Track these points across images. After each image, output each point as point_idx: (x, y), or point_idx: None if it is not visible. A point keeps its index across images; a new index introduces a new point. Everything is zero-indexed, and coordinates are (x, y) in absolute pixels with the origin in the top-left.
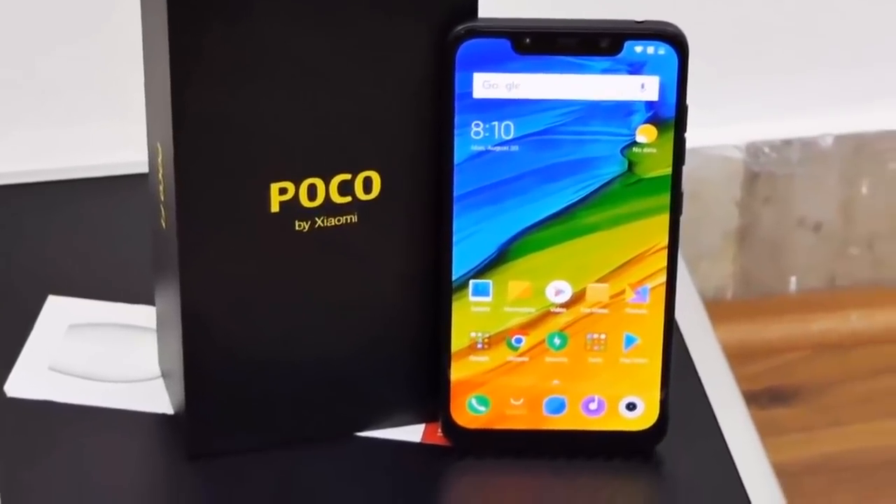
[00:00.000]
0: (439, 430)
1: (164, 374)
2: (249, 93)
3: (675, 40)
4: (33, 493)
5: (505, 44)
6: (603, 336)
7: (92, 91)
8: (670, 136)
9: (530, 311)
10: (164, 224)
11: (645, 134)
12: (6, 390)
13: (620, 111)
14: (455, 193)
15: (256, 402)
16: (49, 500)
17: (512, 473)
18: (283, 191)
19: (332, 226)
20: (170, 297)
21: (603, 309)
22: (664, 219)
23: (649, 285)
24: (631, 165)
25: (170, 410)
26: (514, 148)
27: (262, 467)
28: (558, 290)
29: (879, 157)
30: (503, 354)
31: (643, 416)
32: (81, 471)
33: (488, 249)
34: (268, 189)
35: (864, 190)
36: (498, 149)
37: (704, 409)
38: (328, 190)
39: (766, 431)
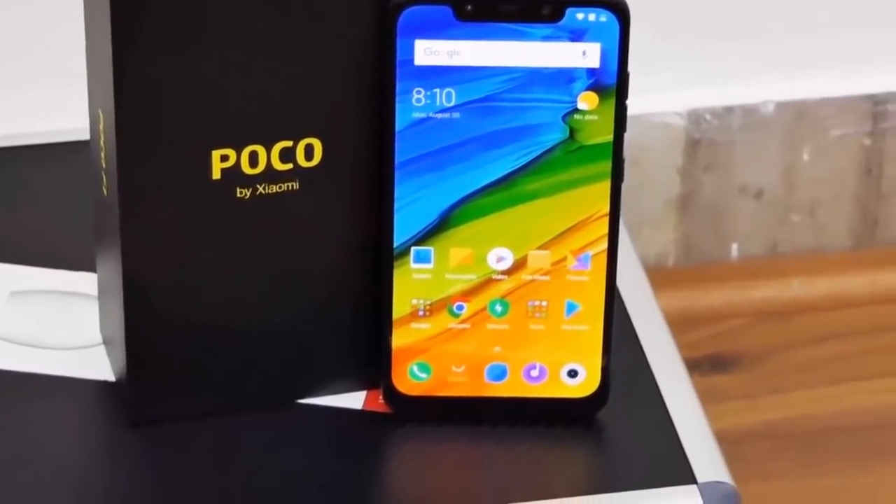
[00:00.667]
0: (380, 397)
1: (106, 341)
2: (190, 60)
3: (617, 7)
4: None
5: (446, 11)
6: (544, 303)
7: (33, 58)
8: (612, 103)
9: (471, 278)
10: (105, 191)
11: (586, 101)
12: None
13: (562, 78)
14: (396, 160)
15: (198, 369)
16: None
17: (453, 440)
18: (224, 158)
19: (273, 193)
20: (111, 264)
21: (544, 276)
22: (605, 186)
23: (591, 252)
24: (572, 132)
25: (111, 377)
26: (456, 115)
27: (204, 434)
28: (500, 258)
29: (821, 124)
30: (444, 321)
31: (584, 383)
32: (23, 437)
33: (430, 217)
34: (209, 156)
35: (805, 157)
36: (439, 116)
37: (646, 376)
38: (270, 157)
39: (708, 398)
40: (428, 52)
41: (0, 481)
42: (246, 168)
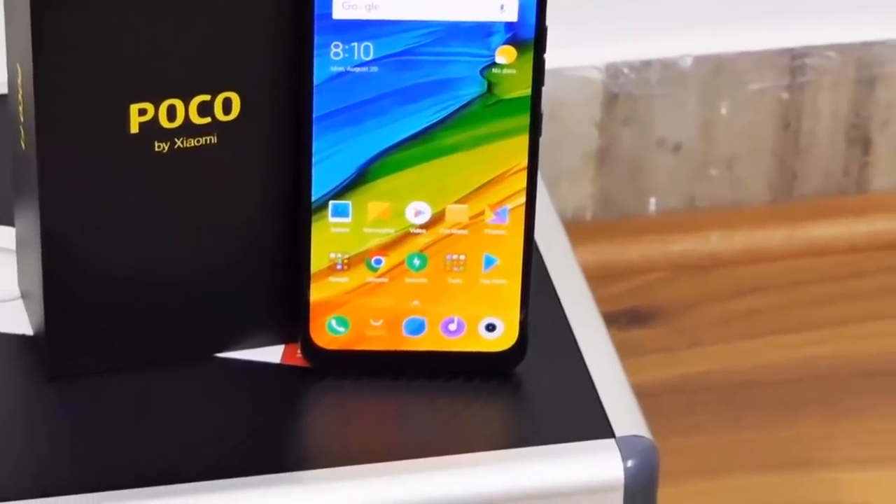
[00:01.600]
0: (298, 352)
1: (24, 296)
2: (108, 14)
3: None
4: None
5: None
6: (462, 257)
7: None
8: (530, 57)
9: (390, 232)
10: (23, 145)
11: (504, 55)
12: None
13: (480, 32)
14: (314, 114)
15: (116, 324)
16: None
17: (371, 394)
18: (142, 112)
19: (191, 147)
20: (29, 218)
21: (462, 230)
22: (524, 140)
23: (509, 206)
24: (490, 86)
25: (29, 332)
26: (374, 69)
27: (122, 388)
28: (418, 211)
29: (739, 78)
30: (362, 275)
31: (502, 337)
32: None
33: (348, 170)
34: (127, 110)
35: (723, 111)
36: (357, 70)
37: (564, 330)
38: (188, 111)
39: (626, 352)
40: (346, 5)
41: None
42: (164, 122)
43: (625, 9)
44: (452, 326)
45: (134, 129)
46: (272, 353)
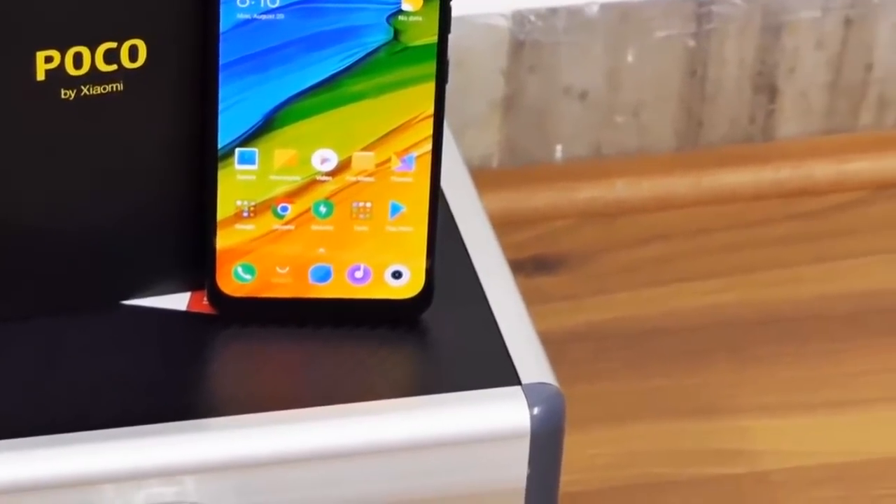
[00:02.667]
0: (205, 299)
1: None
2: None
3: None
4: None
5: None
6: (368, 204)
7: None
8: (436, 4)
9: (296, 179)
10: None
11: (410, 2)
12: None
13: None
14: (221, 62)
15: (20, 271)
16: None
17: (278, 341)
18: (48, 59)
19: (97, 94)
20: None
21: (369, 177)
22: (430, 87)
23: (415, 153)
24: (397, 34)
25: None
26: (280, 16)
27: (27, 335)
28: (324, 159)
29: (645, 26)
30: (269, 223)
31: (409, 285)
32: None
33: (254, 118)
34: (33, 57)
35: (629, 58)
36: (263, 17)
37: (470, 277)
38: (94, 58)
39: (532, 299)
40: None
41: None
42: (70, 69)
43: None
44: (358, 274)
45: (40, 76)
46: (178, 301)
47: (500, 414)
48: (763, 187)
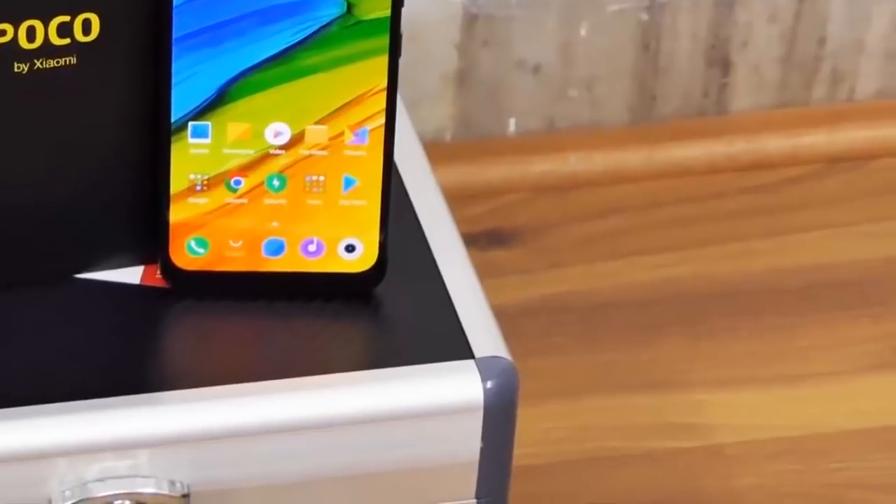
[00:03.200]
0: (158, 272)
1: None
2: None
3: None
4: None
5: None
6: (322, 178)
7: None
8: None
9: (249, 153)
10: None
11: None
12: None
13: None
14: (174, 35)
15: None
16: None
17: (232, 315)
18: (1, 32)
19: (51, 67)
20: None
21: (322, 151)
22: (383, 61)
23: (368, 127)
24: (350, 7)
25: None
26: None
27: None
28: (277, 132)
29: (598, 0)
30: (222, 196)
31: (362, 258)
32: None
33: (207, 91)
34: None
35: (582, 32)
36: None
37: (423, 251)
38: (47, 31)
39: (485, 273)
40: None
41: None
42: (23, 43)
43: None
44: (312, 247)
45: None
46: (132, 274)
47: (454, 388)
48: (716, 161)
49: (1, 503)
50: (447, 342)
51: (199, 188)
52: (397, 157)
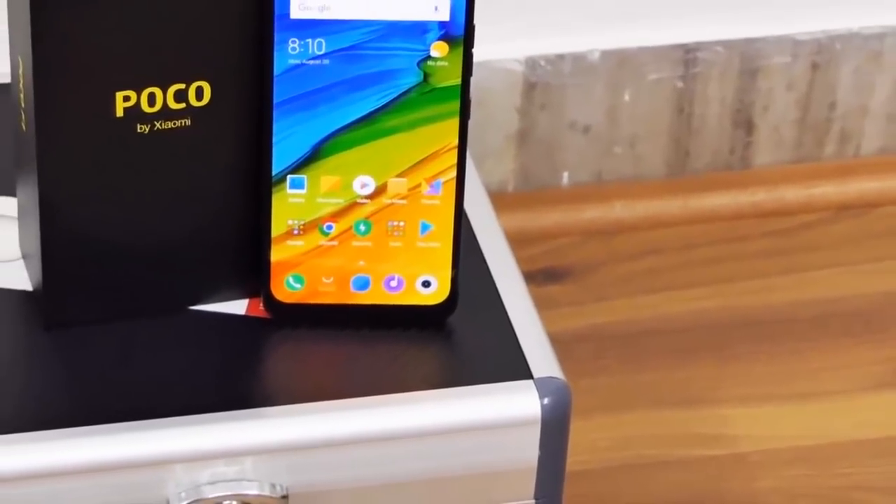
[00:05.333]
0: (261, 305)
1: (25, 256)
2: (96, 14)
3: None
4: None
5: None
6: (402, 223)
7: None
8: (460, 51)
9: (339, 201)
10: (24, 126)
11: (438, 49)
12: None
13: (417, 30)
14: (275, 101)
15: (103, 280)
16: None
17: (323, 342)
18: (126, 98)
19: (168, 128)
20: (29, 190)
21: (402, 200)
22: (455, 122)
23: (442, 179)
24: (426, 76)
25: (29, 287)
26: (326, 62)
27: (109, 336)
28: (363, 184)
29: (640, 70)
30: (316, 239)
31: (436, 292)
32: None
33: (303, 149)
34: (113, 97)
35: (626, 98)
36: (312, 62)
37: (489, 286)
38: (165, 97)
39: (542, 306)
40: (301, 6)
41: None
42: (145, 107)
43: (542, 9)
44: (393, 283)
45: (119, 113)
46: (238, 306)
47: (515, 404)
48: (741, 209)
49: (126, 503)
50: (509, 364)
51: (296, 232)
52: (466, 206)
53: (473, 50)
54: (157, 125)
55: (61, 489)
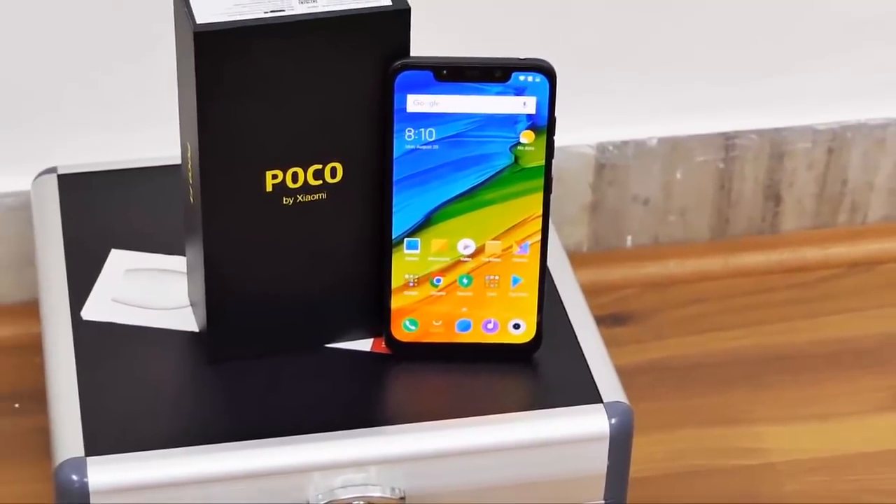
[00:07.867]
0: (383, 343)
1: (192, 304)
2: (250, 107)
3: (548, 72)
4: (102, 389)
5: (429, 74)
6: (497, 277)
7: (146, 103)
8: (544, 138)
9: (446, 260)
10: (191, 199)
11: (526, 137)
12: (82, 315)
13: (509, 121)
14: (394, 178)
15: (256, 323)
16: (113, 394)
17: (434, 373)
18: (274, 176)
19: (308, 201)
20: (196, 250)
21: (497, 258)
22: (539, 196)
23: (529, 242)
24: (516, 159)
25: (196, 329)
26: (435, 147)
27: (260, 369)
28: (466, 245)
29: (689, 153)
30: (427, 290)
31: (525, 333)
32: (134, 372)
33: (417, 217)
34: (264, 175)
35: (678, 176)
36: (424, 147)
37: (567, 328)
38: (306, 175)
39: (610, 344)
40: (416, 102)
41: (119, 403)
42: (289, 183)
43: (609, 105)
44: (490, 325)
45: (268, 188)
46: (364, 344)
47: (588, 423)
48: (771, 266)
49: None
50: (584, 391)
51: (411, 284)
52: (549, 263)
53: (555, 137)
54: (300, 198)
55: (221, 492)
